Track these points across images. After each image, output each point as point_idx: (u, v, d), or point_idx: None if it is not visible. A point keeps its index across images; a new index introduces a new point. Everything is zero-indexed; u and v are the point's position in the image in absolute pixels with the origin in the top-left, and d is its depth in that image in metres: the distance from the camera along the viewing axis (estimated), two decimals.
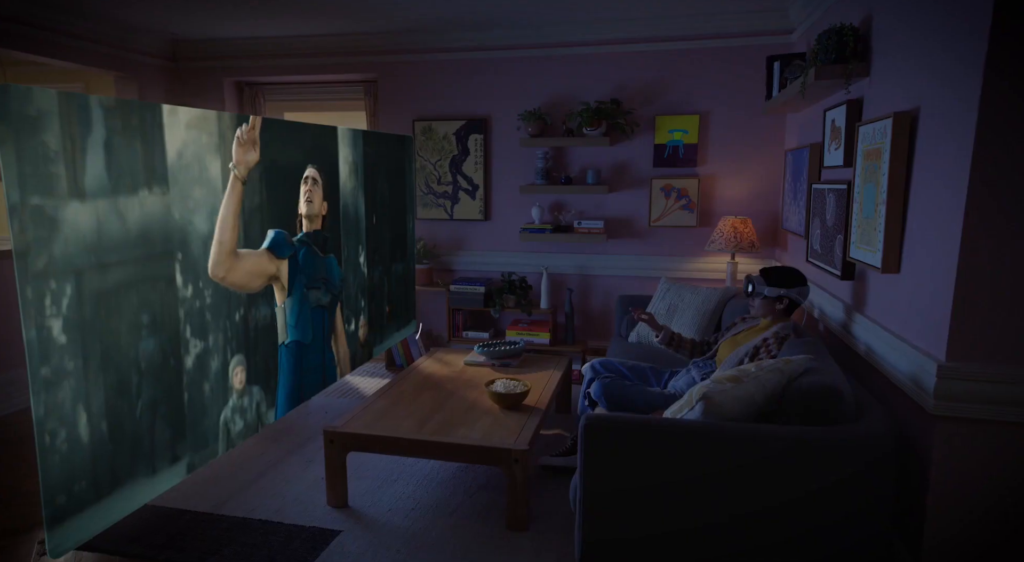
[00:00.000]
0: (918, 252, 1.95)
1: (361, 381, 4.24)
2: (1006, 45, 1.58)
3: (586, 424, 1.86)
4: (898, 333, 2.06)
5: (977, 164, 1.65)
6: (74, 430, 1.87)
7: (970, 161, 1.65)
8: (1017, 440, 1.73)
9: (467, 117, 4.34)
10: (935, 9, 1.90)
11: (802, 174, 3.23)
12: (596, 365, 2.83)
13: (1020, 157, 1.62)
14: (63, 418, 1.84)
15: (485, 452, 2.42)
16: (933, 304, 1.83)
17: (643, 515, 1.85)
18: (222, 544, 2.35)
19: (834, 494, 1.76)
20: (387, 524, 2.48)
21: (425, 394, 2.97)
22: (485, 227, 4.44)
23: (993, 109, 1.61)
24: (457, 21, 3.92)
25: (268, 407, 2.78)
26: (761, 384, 1.92)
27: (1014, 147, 1.62)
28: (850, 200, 2.46)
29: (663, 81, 4.00)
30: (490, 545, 2.34)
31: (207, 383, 2.41)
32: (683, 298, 3.50)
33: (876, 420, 1.83)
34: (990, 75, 1.60)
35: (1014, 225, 1.65)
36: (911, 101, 2.03)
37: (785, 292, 2.52)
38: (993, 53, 1.59)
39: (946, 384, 1.73)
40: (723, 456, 1.79)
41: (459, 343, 4.34)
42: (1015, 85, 1.59)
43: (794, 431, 1.78)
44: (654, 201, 4.09)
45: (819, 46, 2.54)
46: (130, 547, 2.32)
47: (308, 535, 2.41)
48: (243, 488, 2.77)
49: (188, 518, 2.52)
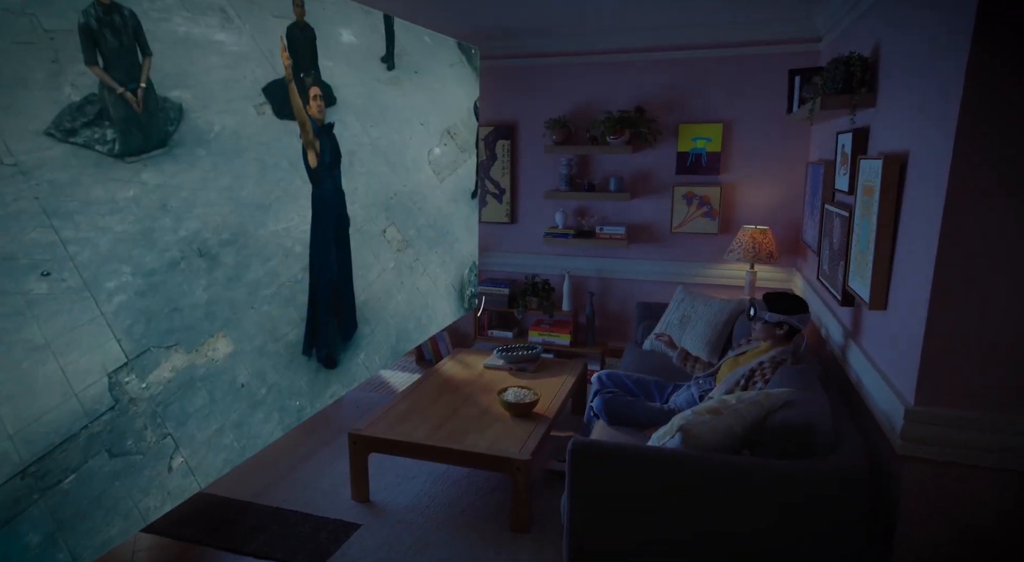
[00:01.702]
0: (901, 294, 2.02)
1: (391, 375, 4.51)
2: (977, 111, 1.63)
3: (573, 448, 2.03)
4: (882, 369, 2.14)
5: (948, 216, 1.70)
6: None
7: (941, 214, 1.71)
8: (984, 483, 1.80)
9: (495, 123, 4.47)
10: (925, 55, 1.93)
11: (818, 190, 3.25)
12: (603, 377, 2.99)
13: (989, 213, 1.67)
14: None
15: (491, 460, 2.63)
16: (908, 347, 1.90)
17: (625, 532, 2.02)
18: (258, 532, 2.65)
19: (804, 524, 1.88)
20: (403, 520, 2.73)
21: (443, 398, 3.20)
22: (511, 230, 4.60)
23: (964, 166, 1.66)
24: (486, 30, 4.04)
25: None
26: (740, 416, 2.04)
27: (983, 203, 1.67)
28: (851, 229, 2.51)
29: (687, 89, 4.03)
30: (493, 545, 2.56)
31: None
32: (696, 309, 3.60)
33: (849, 456, 1.93)
34: (961, 135, 1.65)
35: (982, 277, 1.71)
36: (903, 143, 2.07)
37: (785, 319, 2.60)
38: (964, 118, 1.64)
39: (912, 427, 1.81)
40: (698, 483, 1.93)
41: (484, 341, 4.56)
42: (982, 146, 1.64)
43: (764, 463, 1.91)
44: (676, 208, 4.15)
45: (827, 75, 2.57)
46: (181, 530, 2.65)
47: (333, 527, 2.69)
48: (279, 479, 3.07)
49: (230, 506, 2.84)
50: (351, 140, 1.94)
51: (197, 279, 1.34)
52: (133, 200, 1.17)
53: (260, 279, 1.51)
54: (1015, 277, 1.68)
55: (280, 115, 1.50)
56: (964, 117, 1.64)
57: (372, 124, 2.03)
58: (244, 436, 1.53)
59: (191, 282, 1.32)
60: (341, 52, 1.92)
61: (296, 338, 1.63)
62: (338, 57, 1.90)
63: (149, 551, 2.56)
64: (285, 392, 1.62)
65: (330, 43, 1.86)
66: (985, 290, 1.71)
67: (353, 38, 1.98)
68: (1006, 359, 1.72)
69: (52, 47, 1.05)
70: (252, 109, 1.41)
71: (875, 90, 2.46)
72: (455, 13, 3.61)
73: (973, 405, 1.77)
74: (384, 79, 2.18)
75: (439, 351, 4.63)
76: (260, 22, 1.59)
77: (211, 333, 1.38)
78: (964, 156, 1.66)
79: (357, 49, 1.98)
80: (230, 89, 1.35)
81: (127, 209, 1.17)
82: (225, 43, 1.34)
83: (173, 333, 1.30)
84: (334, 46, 1.89)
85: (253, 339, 1.51)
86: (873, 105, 2.46)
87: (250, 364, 1.52)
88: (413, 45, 2.31)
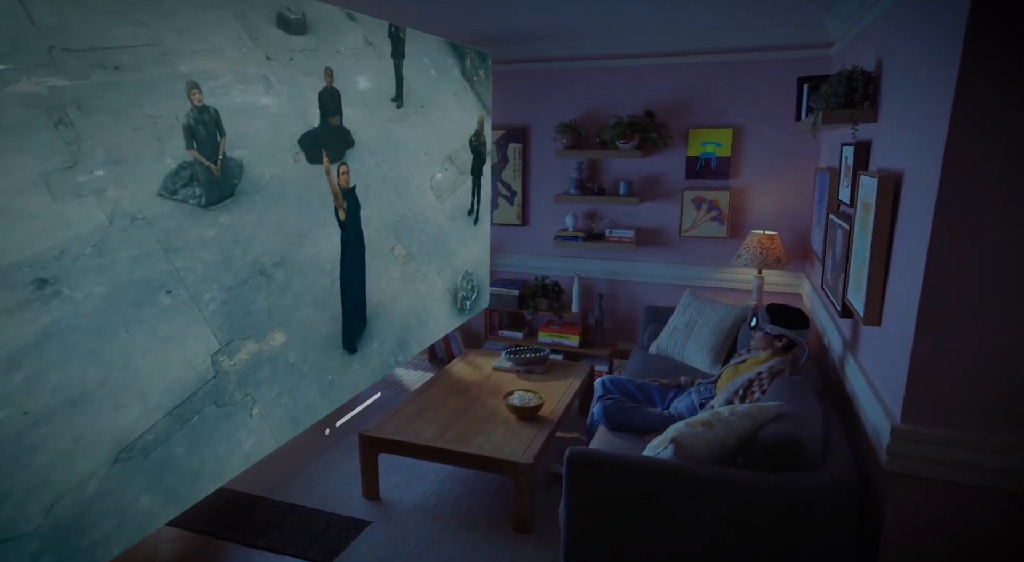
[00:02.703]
0: (894, 312, 2.05)
1: (404, 373, 4.63)
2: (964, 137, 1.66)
3: (569, 457, 2.12)
4: (874, 384, 2.18)
5: (935, 238, 1.74)
6: None
7: (929, 236, 1.75)
8: (970, 501, 1.84)
9: (507, 127, 4.53)
10: (918, 77, 1.95)
11: (825, 198, 3.26)
12: (606, 382, 3.06)
13: (975, 237, 1.70)
14: None
15: (495, 462, 2.73)
16: (898, 365, 1.94)
17: (620, 539, 2.10)
18: (272, 527, 2.78)
19: (793, 536, 1.95)
20: (410, 519, 2.84)
21: (451, 399, 3.30)
22: (522, 232, 4.67)
23: (952, 189, 1.69)
24: (498, 35, 4.09)
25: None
26: (732, 429, 2.10)
27: (970, 226, 1.70)
28: (851, 242, 2.54)
29: (697, 94, 4.04)
30: (496, 545, 2.66)
31: None
32: (702, 314, 3.64)
33: (837, 470, 1.98)
34: (949, 159, 1.68)
35: (969, 300, 1.74)
36: (899, 162, 2.10)
37: (784, 332, 2.64)
38: (951, 144, 1.67)
39: (898, 444, 1.86)
40: (689, 493, 2.01)
41: (494, 341, 4.65)
42: (969, 171, 1.67)
43: (752, 476, 1.97)
44: (685, 212, 4.18)
45: (829, 89, 2.59)
46: (201, 525, 2.79)
47: (344, 524, 2.81)
48: (293, 475, 3.21)
49: (247, 501, 2.98)
50: (366, 175, 2.38)
51: (259, 291, 1.88)
52: (215, 238, 1.66)
53: (302, 290, 2.03)
54: (1001, 300, 1.71)
55: (311, 161, 1.97)
56: (952, 142, 1.67)
57: (384, 159, 2.51)
58: (295, 398, 2.15)
59: (255, 293, 1.86)
60: (358, 98, 2.36)
61: (328, 331, 2.14)
62: (356, 104, 2.35)
63: (171, 543, 2.70)
64: (321, 369, 2.20)
65: (350, 92, 2.30)
66: (971, 312, 1.74)
67: (368, 84, 2.42)
68: (991, 380, 1.76)
69: (155, 129, 1.45)
70: (290, 158, 1.86)
71: (877, 105, 2.48)
72: (468, 20, 3.67)
73: (959, 424, 1.81)
74: (394, 117, 2.61)
75: (451, 350, 4.74)
76: (295, 83, 2.02)
77: (270, 329, 1.95)
78: (951, 180, 1.69)
79: (371, 93, 2.45)
80: (274, 144, 1.81)
81: (212, 244, 1.67)
82: (269, 106, 1.78)
83: (246, 329, 1.87)
84: (353, 94, 2.33)
85: (298, 332, 2.07)
86: (875, 120, 2.48)
87: (297, 349, 2.08)
88: (420, 81, 2.74)
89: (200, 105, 1.50)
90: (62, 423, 1.34)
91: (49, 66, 1.22)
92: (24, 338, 1.20)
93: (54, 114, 1.23)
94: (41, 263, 1.19)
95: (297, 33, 2.05)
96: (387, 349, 2.16)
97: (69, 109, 1.25)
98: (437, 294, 2.29)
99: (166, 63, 1.43)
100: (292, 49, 2.01)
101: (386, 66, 2.51)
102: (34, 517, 1.32)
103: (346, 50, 2.24)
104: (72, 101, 1.26)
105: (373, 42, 2.42)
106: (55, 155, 1.23)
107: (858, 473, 2.02)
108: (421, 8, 3.19)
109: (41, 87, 1.19)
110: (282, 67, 1.94)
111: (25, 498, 1.30)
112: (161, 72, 1.42)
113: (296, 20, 2.04)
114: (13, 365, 1.20)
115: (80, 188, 1.27)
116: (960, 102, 1.65)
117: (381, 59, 2.51)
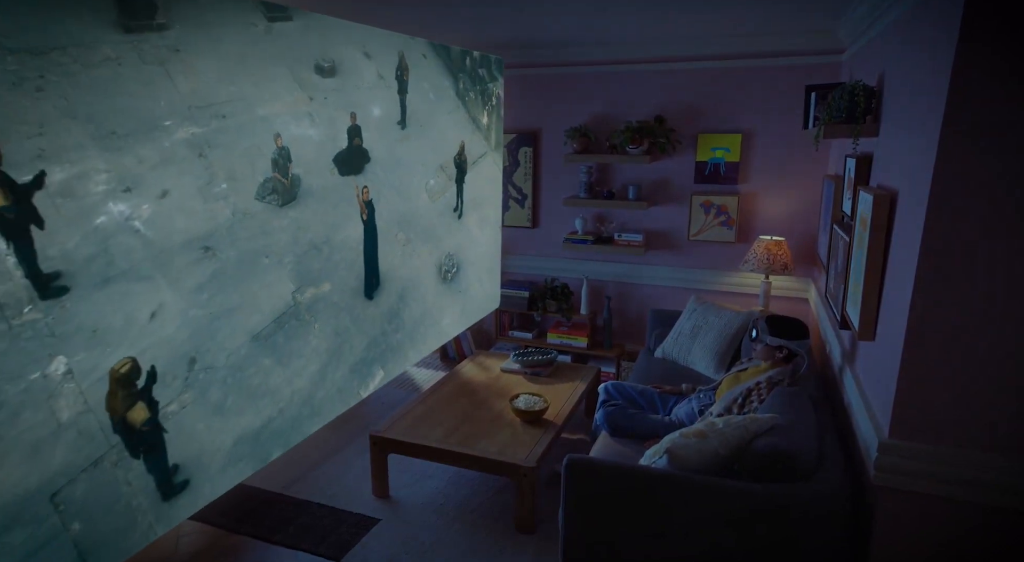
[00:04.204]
0: (886, 328, 2.09)
1: (417, 372, 4.74)
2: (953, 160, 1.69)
3: (568, 465, 2.20)
4: (868, 398, 2.22)
5: (923, 259, 1.78)
6: None
7: (917, 257, 1.79)
8: (957, 517, 1.89)
9: (518, 131, 4.60)
10: (913, 99, 1.98)
11: (830, 207, 3.29)
12: (609, 388, 3.13)
13: (963, 259, 1.74)
14: None
15: (499, 465, 2.82)
16: (888, 381, 1.99)
17: (616, 545, 2.18)
18: (286, 522, 2.91)
19: (782, 547, 2.01)
20: (418, 518, 2.95)
21: (459, 401, 3.40)
22: (532, 234, 4.74)
23: (940, 212, 1.73)
24: (509, 42, 4.15)
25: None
26: (725, 440, 2.17)
27: (959, 247, 1.74)
28: (850, 255, 2.57)
29: (707, 99, 4.07)
30: (499, 544, 2.76)
31: None
32: (707, 320, 3.69)
33: (828, 482, 2.04)
34: (937, 182, 1.72)
35: (956, 319, 1.78)
36: (896, 180, 2.13)
37: (784, 343, 2.69)
38: (940, 167, 1.71)
39: (885, 459, 1.91)
40: (682, 502, 2.08)
41: (504, 342, 4.74)
42: (958, 194, 1.71)
43: (743, 486, 2.03)
44: (693, 216, 4.22)
45: (832, 102, 2.61)
46: (220, 519, 2.93)
47: (354, 521, 2.93)
48: (307, 472, 3.33)
49: (263, 496, 3.11)
50: (379, 184, 3.08)
51: (314, 259, 2.53)
52: (287, 226, 2.32)
53: (339, 259, 2.70)
54: (987, 320, 1.75)
55: (342, 174, 2.62)
56: (940, 165, 1.70)
57: (391, 171, 3.19)
58: (337, 321, 2.78)
59: (312, 260, 2.52)
60: (374, 125, 3.02)
61: (355, 285, 2.82)
62: (372, 129, 3.01)
63: (191, 537, 2.84)
64: (351, 307, 2.82)
65: (367, 120, 2.94)
66: (958, 332, 1.78)
67: (380, 112, 3.06)
68: (978, 397, 1.80)
69: (250, 158, 2.14)
70: (328, 172, 2.52)
71: (879, 120, 2.50)
72: (482, 26, 3.73)
73: (945, 441, 1.85)
74: (399, 137, 3.22)
75: (462, 350, 4.84)
76: (329, 117, 2.66)
77: (322, 281, 2.60)
78: (940, 201, 1.73)
79: (383, 119, 3.10)
80: (319, 164, 2.43)
81: (286, 230, 2.36)
82: (313, 136, 2.37)
83: (308, 280, 2.57)
84: (370, 121, 2.97)
85: (337, 284, 2.73)
86: (876, 135, 2.50)
87: (337, 294, 2.74)
88: (420, 103, 3.38)
89: (280, 146, 2.17)
90: (226, 319, 2.14)
91: (189, 119, 1.85)
92: (203, 277, 2.00)
93: (195, 150, 1.88)
94: (204, 238, 1.95)
95: (329, 77, 2.65)
96: (392, 299, 2.95)
97: (203, 147, 1.90)
98: (427, 267, 3.09)
99: (249, 110, 2.04)
100: (326, 90, 2.62)
101: (394, 95, 3.18)
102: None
103: (364, 86, 2.89)
104: (204, 142, 1.90)
105: (384, 75, 3.06)
106: (201, 176, 1.91)
107: (848, 485, 2.07)
108: (438, 16, 3.30)
109: (187, 134, 1.83)
110: (320, 105, 2.59)
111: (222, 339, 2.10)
112: (248, 117, 2.03)
113: (328, 66, 2.65)
114: (201, 290, 2.00)
115: (215, 196, 1.98)
116: (949, 124, 1.68)
117: (390, 89, 3.12)
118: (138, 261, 1.61)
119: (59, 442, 1.45)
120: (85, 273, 1.50)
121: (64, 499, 1.43)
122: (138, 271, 1.61)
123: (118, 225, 1.58)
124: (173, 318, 1.76)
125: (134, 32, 1.59)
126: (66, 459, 1.49)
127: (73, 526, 1.49)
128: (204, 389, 1.89)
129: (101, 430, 1.54)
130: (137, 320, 1.62)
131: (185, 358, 1.82)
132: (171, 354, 1.77)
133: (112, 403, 1.37)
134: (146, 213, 1.64)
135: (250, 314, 2.09)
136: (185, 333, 1.83)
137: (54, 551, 1.41)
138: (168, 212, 1.74)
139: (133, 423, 1.41)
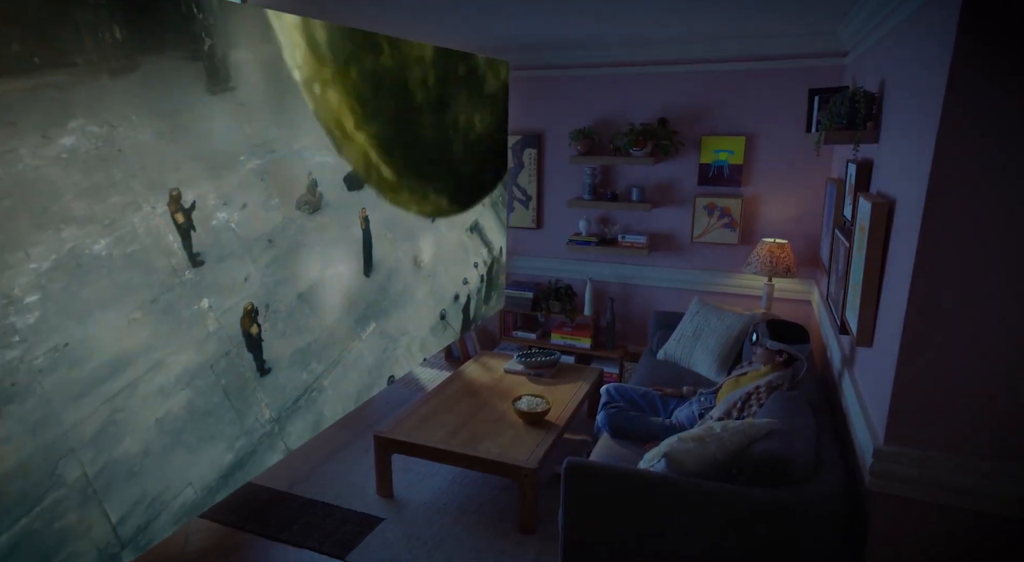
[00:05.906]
0: (883, 335, 2.11)
1: (422, 371, 4.79)
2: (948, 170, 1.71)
3: (567, 468, 2.23)
4: (865, 403, 2.24)
5: (919, 268, 1.80)
6: None
7: (912, 266, 1.81)
8: (952, 523, 1.90)
9: (523, 132, 4.62)
10: (910, 107, 1.99)
11: (832, 211, 3.30)
12: (611, 390, 3.16)
13: (958, 268, 1.76)
14: None
15: (501, 466, 2.86)
16: (884, 387, 2.01)
17: (614, 547, 2.22)
18: (292, 521, 2.96)
19: (779, 551, 2.04)
20: (421, 517, 3.00)
21: (463, 402, 3.44)
22: (536, 235, 4.77)
23: (935, 222, 1.75)
24: (514, 44, 4.17)
25: None
26: (723, 444, 2.19)
27: (954, 257, 1.76)
28: (850, 261, 2.59)
29: (711, 102, 4.08)
30: (500, 544, 2.80)
31: None
32: (709, 323, 3.71)
33: (824, 487, 2.06)
34: (932, 193, 1.74)
35: (951, 327, 1.80)
36: (894, 188, 2.15)
37: (784, 347, 2.71)
38: (935, 178, 1.72)
39: (880, 465, 1.93)
40: (680, 505, 2.11)
41: (508, 342, 4.77)
42: (952, 204, 1.72)
43: (739, 490, 2.06)
44: (697, 218, 4.23)
45: (833, 108, 2.62)
46: (228, 516, 2.99)
47: (358, 520, 2.98)
48: (313, 470, 3.39)
49: (269, 495, 3.16)
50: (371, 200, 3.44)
51: (333, 250, 3.02)
52: (315, 227, 2.86)
53: (348, 250, 3.12)
54: (982, 328, 1.77)
55: (349, 190, 3.06)
56: (936, 174, 1.72)
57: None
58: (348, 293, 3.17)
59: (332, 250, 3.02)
60: None
61: (357, 266, 3.20)
62: None
63: (199, 534, 2.90)
64: (356, 277, 3.20)
65: None
66: (953, 340, 1.80)
67: None
68: (972, 405, 1.82)
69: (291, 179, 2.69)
70: (340, 189, 2.99)
71: (879, 126, 2.51)
72: (488, 29, 3.76)
73: (939, 448, 1.87)
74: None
75: (467, 350, 4.88)
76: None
77: (338, 264, 3.06)
78: (935, 211, 1.74)
79: None
80: (333, 181, 2.95)
81: (317, 230, 2.86)
82: (330, 163, 2.90)
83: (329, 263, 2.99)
84: None
85: (347, 266, 3.11)
86: (876, 141, 2.51)
87: (347, 273, 3.13)
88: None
89: (311, 178, 2.77)
90: (283, 284, 2.70)
91: (254, 154, 2.47)
92: (269, 258, 2.61)
93: (259, 176, 2.50)
94: (268, 234, 2.56)
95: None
96: (382, 277, 3.41)
97: (263, 173, 2.52)
98: (407, 258, 3.57)
99: (287, 146, 2.64)
100: None
101: None
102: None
103: None
104: (263, 170, 2.52)
105: None
106: (263, 193, 2.53)
107: (845, 490, 2.10)
108: (444, 19, 3.31)
109: (254, 164, 2.47)
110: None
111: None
112: (287, 151, 2.64)
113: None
114: (268, 266, 2.61)
115: (272, 207, 2.58)
116: (944, 136, 1.70)
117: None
118: (235, 248, 2.41)
119: (208, 340, 2.31)
120: (210, 254, 2.30)
121: (216, 370, 2.35)
122: (234, 253, 2.41)
123: (223, 226, 2.35)
124: (254, 281, 2.52)
125: (217, 94, 2.29)
126: (214, 349, 2.35)
127: (222, 382, 2.42)
128: (274, 322, 2.64)
129: (228, 336, 2.40)
130: (237, 281, 2.43)
131: (263, 304, 2.57)
132: (257, 302, 2.55)
133: (244, 322, 2.44)
134: (236, 218, 2.40)
135: (297, 281, 2.75)
136: (263, 291, 2.57)
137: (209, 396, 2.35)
138: (247, 217, 2.47)
139: (250, 333, 2.48)
